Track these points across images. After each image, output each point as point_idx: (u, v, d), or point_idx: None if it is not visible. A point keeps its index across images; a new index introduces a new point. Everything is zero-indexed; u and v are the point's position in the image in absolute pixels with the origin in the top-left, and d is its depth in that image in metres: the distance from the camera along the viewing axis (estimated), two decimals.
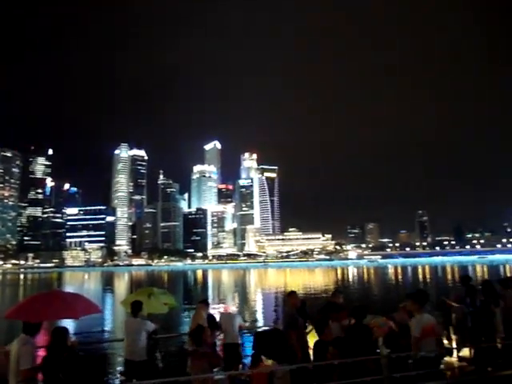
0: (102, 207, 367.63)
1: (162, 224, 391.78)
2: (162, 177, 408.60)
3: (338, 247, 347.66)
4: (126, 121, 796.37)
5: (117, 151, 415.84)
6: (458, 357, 6.96)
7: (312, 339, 6.97)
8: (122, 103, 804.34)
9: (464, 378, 3.74)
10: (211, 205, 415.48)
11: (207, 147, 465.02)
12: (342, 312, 6.50)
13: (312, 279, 73.46)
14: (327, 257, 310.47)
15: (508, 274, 65.68)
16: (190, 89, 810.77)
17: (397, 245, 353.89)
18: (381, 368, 5.05)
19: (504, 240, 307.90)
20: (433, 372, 4.34)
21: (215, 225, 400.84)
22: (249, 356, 7.26)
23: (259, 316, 26.96)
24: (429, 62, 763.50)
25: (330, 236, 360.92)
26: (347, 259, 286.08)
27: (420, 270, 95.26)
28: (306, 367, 5.79)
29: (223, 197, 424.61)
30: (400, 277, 74.95)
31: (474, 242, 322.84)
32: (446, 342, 7.35)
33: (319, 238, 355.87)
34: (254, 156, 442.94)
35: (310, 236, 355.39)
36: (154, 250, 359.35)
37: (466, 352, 6.94)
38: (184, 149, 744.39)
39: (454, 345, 7.37)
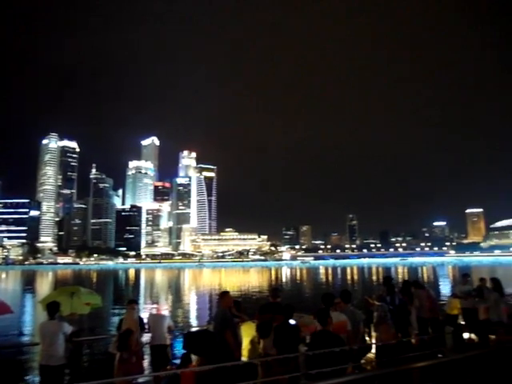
0: (24, 200, 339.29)
1: (92, 220, 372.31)
2: (94, 171, 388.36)
3: (272, 248, 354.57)
4: (57, 110, 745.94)
5: (45, 141, 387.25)
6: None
7: (246, 339, 7.00)
8: (52, 91, 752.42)
9: (380, 371, 3.99)
10: (146, 202, 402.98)
11: (145, 143, 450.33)
12: (280, 312, 6.60)
13: (247, 279, 74.07)
14: (262, 257, 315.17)
15: (425, 275, 71.50)
16: (130, 81, 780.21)
17: (328, 246, 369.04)
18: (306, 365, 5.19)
19: (422, 244, 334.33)
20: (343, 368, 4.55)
21: (150, 223, 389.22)
22: (179, 357, 7.13)
23: (193, 316, 26.66)
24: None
25: (265, 237, 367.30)
26: (281, 260, 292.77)
27: (349, 271, 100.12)
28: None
29: (159, 194, 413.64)
30: (330, 277, 78.19)
31: (398, 245, 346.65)
32: (367, 338, 7.79)
33: (255, 238, 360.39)
34: (193, 154, 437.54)
35: (246, 237, 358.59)
36: (82, 247, 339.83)
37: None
38: (120, 143, 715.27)
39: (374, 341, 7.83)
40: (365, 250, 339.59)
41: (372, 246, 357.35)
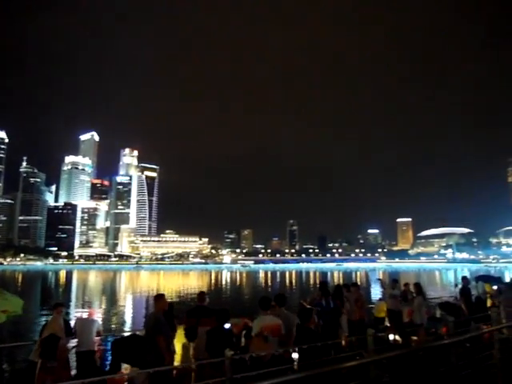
0: None
1: (20, 217, 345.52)
2: (25, 164, 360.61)
3: (213, 251, 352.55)
4: None
5: None
6: None
7: (179, 344, 6.88)
8: None
9: (309, 372, 4.13)
10: (82, 200, 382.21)
11: (83, 138, 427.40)
12: (212, 316, 6.56)
13: (186, 282, 72.94)
14: (203, 260, 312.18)
15: (358, 280, 75.05)
16: (69, 71, 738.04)
17: (269, 251, 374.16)
18: (245, 368, 5.20)
19: (357, 250, 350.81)
20: (273, 371, 4.65)
21: (85, 222, 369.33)
22: (108, 364, 6.83)
23: (128, 321, 25.70)
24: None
25: (206, 240, 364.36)
26: (222, 263, 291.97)
27: (287, 275, 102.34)
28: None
29: (97, 193, 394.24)
30: (269, 281, 79.40)
31: (334, 251, 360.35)
32: None
33: (196, 241, 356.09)
34: (135, 153, 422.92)
35: (186, 239, 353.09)
36: (7, 246, 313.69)
37: None
38: (56, 136, 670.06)
39: None
40: (303, 255, 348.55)
41: (310, 251, 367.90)
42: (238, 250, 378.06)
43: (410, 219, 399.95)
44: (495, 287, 12.25)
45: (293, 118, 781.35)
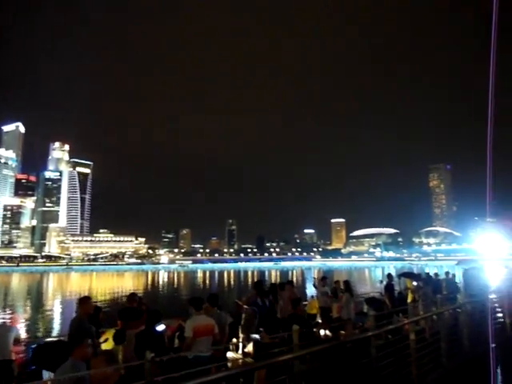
0: None
1: None
2: None
3: (150, 251, 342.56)
4: None
5: None
6: (243, 352, 7.74)
7: (107, 348, 6.61)
8: None
9: (244, 367, 4.23)
10: (5, 197, 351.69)
11: (6, 129, 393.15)
12: (142, 318, 6.40)
13: (120, 284, 70.15)
14: (139, 261, 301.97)
15: (294, 278, 77.23)
16: None
17: (207, 251, 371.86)
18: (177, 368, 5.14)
19: (294, 249, 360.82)
20: (207, 370, 4.69)
21: (8, 220, 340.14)
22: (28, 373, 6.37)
23: (55, 326, 24.15)
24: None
25: (143, 240, 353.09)
26: (159, 263, 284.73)
27: (226, 275, 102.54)
28: None
29: (22, 189, 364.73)
30: (207, 281, 79.03)
31: (272, 250, 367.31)
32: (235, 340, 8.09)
33: (132, 241, 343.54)
34: (66, 147, 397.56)
35: (122, 239, 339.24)
36: None
37: (249, 348, 7.81)
38: None
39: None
40: (242, 255, 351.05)
41: (249, 250, 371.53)
42: (176, 250, 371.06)
43: (343, 220, 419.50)
44: (415, 283, 13.31)
45: (229, 119, 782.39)
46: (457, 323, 8.70)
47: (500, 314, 10.59)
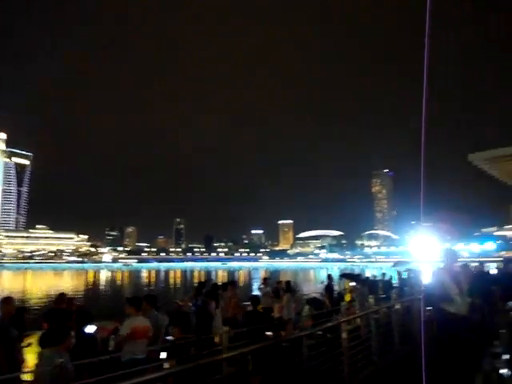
0: None
1: None
2: None
3: (92, 249, 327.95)
4: None
5: None
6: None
7: (32, 351, 6.19)
8: None
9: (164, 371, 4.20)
10: None
11: None
12: (71, 320, 6.05)
13: (58, 283, 66.43)
14: (79, 259, 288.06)
15: (241, 278, 77.64)
16: None
17: (153, 249, 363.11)
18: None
19: (241, 250, 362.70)
20: (142, 370, 4.56)
21: None
22: None
23: None
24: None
25: (85, 237, 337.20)
26: (101, 262, 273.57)
27: (172, 274, 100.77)
28: None
29: None
30: (153, 280, 77.16)
31: (220, 250, 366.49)
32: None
33: (73, 238, 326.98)
34: (3, 136, 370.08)
35: (61, 236, 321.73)
36: None
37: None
38: None
39: None
40: (189, 254, 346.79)
41: (196, 250, 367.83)
42: (120, 249, 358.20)
43: (291, 221, 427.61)
44: (353, 283, 13.88)
45: (181, 115, 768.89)
46: (390, 322, 9.15)
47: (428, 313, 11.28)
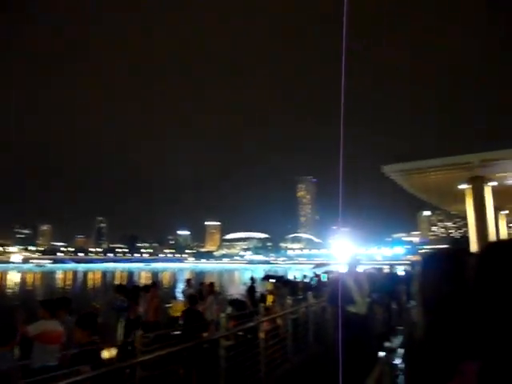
0: None
1: None
2: None
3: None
4: None
5: None
6: None
7: None
8: None
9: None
10: None
11: None
12: None
13: None
14: None
15: (165, 280, 75.86)
16: None
17: (71, 249, 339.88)
18: None
19: (167, 250, 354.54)
20: (53, 378, 4.35)
21: None
22: None
23: None
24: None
25: None
26: (9, 262, 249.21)
27: (91, 276, 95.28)
28: None
29: None
30: (69, 282, 72.38)
31: (144, 251, 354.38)
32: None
33: None
34: None
35: None
36: None
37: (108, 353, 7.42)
38: None
39: None
40: (111, 255, 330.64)
41: (119, 250, 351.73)
42: (32, 248, 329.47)
43: (218, 223, 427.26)
44: (275, 285, 14.39)
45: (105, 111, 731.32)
46: (307, 322, 9.64)
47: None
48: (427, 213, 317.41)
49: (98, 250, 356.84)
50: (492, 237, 15.84)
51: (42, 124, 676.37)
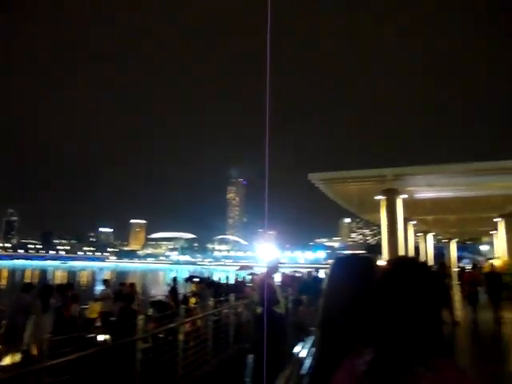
0: None
1: None
2: None
3: None
4: None
5: None
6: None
7: None
8: None
9: None
10: None
11: None
12: None
13: None
14: None
15: (83, 279, 71.60)
16: None
17: None
18: None
19: (86, 248, 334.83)
20: None
21: None
22: None
23: None
24: None
25: None
26: None
27: None
28: None
29: None
30: None
31: (61, 248, 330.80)
32: None
33: None
34: None
35: None
36: None
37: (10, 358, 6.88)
38: None
39: None
40: (21, 251, 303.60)
41: (31, 246, 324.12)
42: None
43: (144, 221, 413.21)
44: (198, 286, 14.34)
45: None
46: (228, 323, 9.76)
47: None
48: (348, 220, 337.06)
49: (7, 245, 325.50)
50: (401, 244, 17.37)
51: None
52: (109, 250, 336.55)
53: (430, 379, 1.07)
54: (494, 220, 24.23)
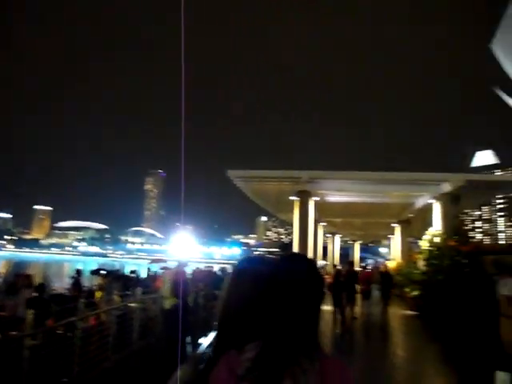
0: None
1: None
2: None
3: None
4: None
5: None
6: None
7: None
8: None
9: None
10: None
11: None
12: None
13: None
14: None
15: None
16: None
17: None
18: None
19: None
20: None
21: None
22: None
23: None
24: None
25: None
26: None
27: None
28: None
29: None
30: None
31: None
32: None
33: None
34: None
35: None
36: None
37: None
38: None
39: None
40: None
41: None
42: None
43: (50, 208, 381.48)
44: (105, 279, 13.70)
45: None
46: (133, 317, 9.46)
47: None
48: (264, 218, 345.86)
49: None
50: (311, 244, 18.36)
51: None
52: (6, 237, 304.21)
53: (316, 370, 1.11)
54: (392, 225, 26.77)
